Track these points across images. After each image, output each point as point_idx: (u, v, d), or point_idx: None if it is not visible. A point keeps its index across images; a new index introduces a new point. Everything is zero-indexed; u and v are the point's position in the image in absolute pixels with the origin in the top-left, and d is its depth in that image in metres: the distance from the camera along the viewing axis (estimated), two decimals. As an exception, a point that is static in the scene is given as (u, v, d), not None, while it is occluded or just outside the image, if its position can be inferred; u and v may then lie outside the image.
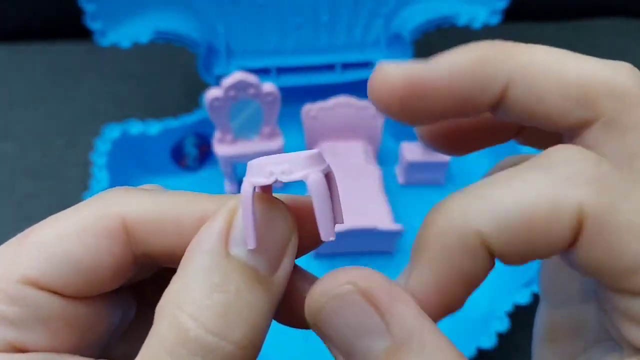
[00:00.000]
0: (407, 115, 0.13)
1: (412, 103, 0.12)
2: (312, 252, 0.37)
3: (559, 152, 0.11)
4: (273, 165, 0.12)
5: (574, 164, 0.11)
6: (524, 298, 0.31)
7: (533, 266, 0.32)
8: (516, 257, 0.11)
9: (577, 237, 0.11)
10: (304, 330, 0.39)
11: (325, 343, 0.12)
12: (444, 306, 0.12)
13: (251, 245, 0.12)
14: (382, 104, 0.13)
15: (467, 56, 0.12)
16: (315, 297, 0.12)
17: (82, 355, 0.14)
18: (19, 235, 0.14)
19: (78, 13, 0.39)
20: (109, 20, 0.41)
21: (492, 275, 0.39)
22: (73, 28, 0.48)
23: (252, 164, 0.12)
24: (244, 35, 0.45)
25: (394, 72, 0.12)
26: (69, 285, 0.13)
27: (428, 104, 0.12)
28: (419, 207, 0.41)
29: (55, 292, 0.13)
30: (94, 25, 0.40)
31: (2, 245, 0.14)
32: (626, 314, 0.11)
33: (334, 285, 0.12)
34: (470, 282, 0.12)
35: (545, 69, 0.12)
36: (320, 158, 0.12)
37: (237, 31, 0.44)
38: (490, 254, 0.11)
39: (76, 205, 0.14)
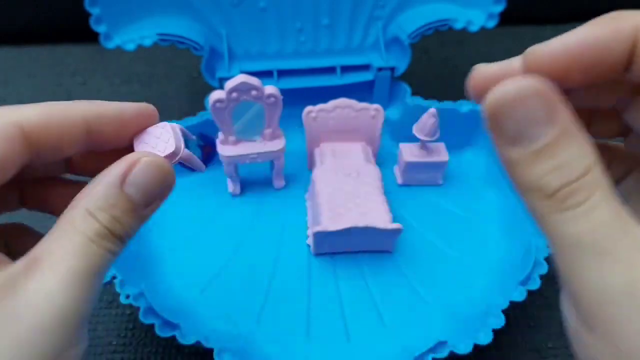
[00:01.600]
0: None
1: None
2: (312, 252, 0.38)
3: None
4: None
5: None
6: (520, 296, 0.32)
7: (528, 266, 0.32)
8: None
9: None
10: (305, 328, 0.39)
11: (494, 132, 0.15)
12: (575, 66, 0.15)
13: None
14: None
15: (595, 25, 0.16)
16: (500, 91, 0.15)
17: None
18: None
19: (84, 16, 0.40)
20: (114, 24, 0.41)
21: (489, 274, 0.40)
22: (79, 31, 0.49)
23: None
24: (246, 38, 0.45)
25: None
26: None
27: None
28: (417, 207, 0.42)
29: None
30: (99, 28, 0.41)
31: None
32: None
33: (517, 84, 0.15)
34: (602, 63, 0.15)
35: None
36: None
37: (239, 35, 0.45)
38: (630, 53, 0.15)
39: None
